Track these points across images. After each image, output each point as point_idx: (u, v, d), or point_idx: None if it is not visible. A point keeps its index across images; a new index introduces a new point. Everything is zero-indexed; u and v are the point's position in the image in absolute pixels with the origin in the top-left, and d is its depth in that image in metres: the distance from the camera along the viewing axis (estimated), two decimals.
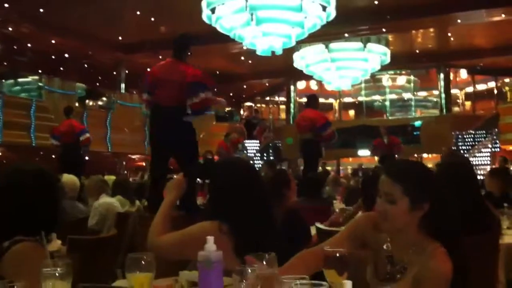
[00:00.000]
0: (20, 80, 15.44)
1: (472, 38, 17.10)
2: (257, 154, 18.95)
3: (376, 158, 12.88)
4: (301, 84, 22.19)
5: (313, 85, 21.75)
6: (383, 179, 1.88)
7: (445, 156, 10.50)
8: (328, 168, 17.92)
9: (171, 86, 5.08)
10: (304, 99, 9.83)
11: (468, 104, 22.02)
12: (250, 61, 18.92)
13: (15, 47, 16.89)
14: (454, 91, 20.98)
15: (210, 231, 1.95)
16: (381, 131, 13.04)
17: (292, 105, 22.06)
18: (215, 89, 5.36)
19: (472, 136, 18.10)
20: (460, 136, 18.01)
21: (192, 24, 11.33)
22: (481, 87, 21.67)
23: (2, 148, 14.05)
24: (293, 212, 3.64)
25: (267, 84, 23.57)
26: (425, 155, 19.25)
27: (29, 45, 16.80)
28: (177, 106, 5.04)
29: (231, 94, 23.59)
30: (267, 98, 25.25)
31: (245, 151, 16.44)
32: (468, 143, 17.89)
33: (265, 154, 18.94)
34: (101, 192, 5.49)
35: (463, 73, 21.34)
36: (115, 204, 5.44)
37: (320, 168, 10.70)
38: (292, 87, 22.16)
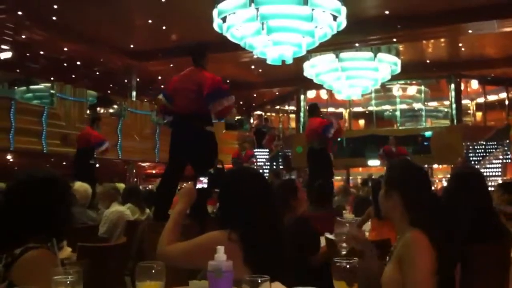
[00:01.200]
0: (32, 87, 15.57)
1: (483, 48, 17.04)
2: (266, 163, 18.93)
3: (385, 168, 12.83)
4: (311, 93, 22.18)
5: (323, 94, 21.74)
6: None
7: (457, 166, 10.47)
8: (337, 177, 17.90)
9: (190, 94, 5.03)
10: None
11: (479, 114, 21.89)
12: (260, 70, 18.97)
13: (27, 54, 17.06)
14: (465, 101, 20.87)
15: (219, 240, 1.95)
16: (390, 141, 13.02)
17: (302, 114, 22.05)
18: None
19: (483, 147, 17.98)
20: (471, 147, 17.91)
21: (203, 32, 11.40)
22: (492, 97, 21.54)
23: (14, 154, 14.16)
24: (303, 221, 3.63)
25: (277, 93, 23.59)
26: (435, 166, 19.16)
27: (41, 52, 16.96)
28: (198, 114, 4.98)
29: (241, 103, 23.63)
30: (277, 107, 25.26)
31: (254, 160, 16.42)
32: (479, 154, 17.77)
33: (274, 163, 18.92)
34: (112, 200, 5.51)
35: (474, 84, 21.23)
36: (126, 213, 5.47)
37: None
38: (302, 96, 22.16)
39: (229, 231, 2.08)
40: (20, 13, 13.24)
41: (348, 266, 1.58)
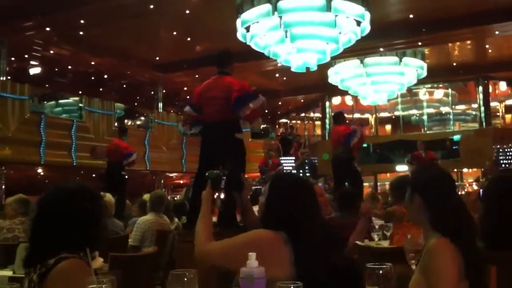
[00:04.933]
0: (61, 101, 15.85)
1: (511, 49, 16.75)
2: (293, 171, 18.87)
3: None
4: (336, 100, 22.08)
5: (349, 100, 21.62)
6: None
7: (491, 169, 10.29)
8: (366, 184, 17.74)
9: (218, 102, 5.01)
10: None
11: (508, 117, 21.49)
12: (284, 78, 18.97)
13: (56, 69, 17.39)
14: (493, 103, 20.48)
15: (265, 238, 1.99)
16: (419, 146, 12.89)
17: (327, 121, 21.94)
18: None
19: None
20: (501, 150, 17.57)
21: (227, 42, 11.42)
22: None
23: (45, 168, 14.41)
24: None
25: (302, 101, 23.55)
26: (465, 170, 18.85)
27: (69, 66, 17.28)
28: (228, 121, 4.98)
29: (266, 111, 23.65)
30: (302, 114, 25.21)
31: (281, 168, 16.37)
32: (509, 157, 17.42)
33: (301, 171, 18.84)
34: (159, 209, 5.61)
35: (503, 85, 20.84)
36: (160, 221, 5.52)
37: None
38: (327, 103, 22.07)
39: (278, 231, 2.10)
40: (48, 29, 13.52)
41: (381, 272, 1.57)
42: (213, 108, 5.04)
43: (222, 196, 2.66)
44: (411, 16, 13.48)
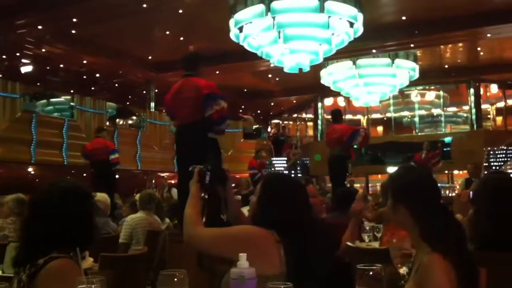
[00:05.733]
0: (52, 100, 15.77)
1: (503, 52, 16.85)
2: (285, 172, 18.90)
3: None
4: (328, 101, 22.12)
5: (341, 102, 21.67)
6: None
7: (474, 173, 10.34)
8: (357, 185, 17.79)
9: (187, 103, 5.05)
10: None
11: (499, 119, 21.60)
12: (277, 79, 19.00)
13: (48, 67, 17.31)
14: (484, 106, 20.62)
15: (256, 235, 2.00)
16: (424, 145, 13.11)
17: (319, 122, 22.00)
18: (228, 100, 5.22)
19: (504, 152, 17.73)
20: (491, 152, 17.67)
21: (220, 42, 11.47)
22: None
23: (35, 166, 14.32)
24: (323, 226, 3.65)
25: (294, 101, 23.59)
26: (456, 172, 18.93)
27: (61, 65, 17.20)
28: (197, 121, 5.00)
29: (258, 112, 23.67)
30: (295, 115, 25.24)
31: (272, 169, 16.39)
32: (500, 159, 17.52)
33: (293, 171, 18.87)
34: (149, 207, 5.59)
35: (494, 88, 20.98)
36: (150, 220, 5.50)
37: (348, 185, 10.66)
38: (319, 104, 22.11)
39: (270, 230, 2.10)
40: (40, 27, 13.46)
41: (372, 273, 1.57)
42: (186, 110, 5.08)
43: (206, 194, 2.66)
44: (403, 18, 13.53)
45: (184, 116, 5.13)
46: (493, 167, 15.76)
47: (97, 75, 18.32)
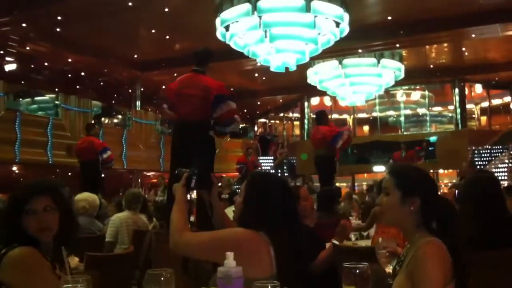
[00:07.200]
0: (37, 98, 15.62)
1: (487, 52, 17.02)
2: (271, 171, 18.93)
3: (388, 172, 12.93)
4: (315, 100, 22.20)
5: (327, 101, 21.76)
6: (385, 176, 2.20)
7: (466, 171, 10.42)
8: (343, 184, 17.86)
9: (193, 101, 5.01)
10: None
11: (483, 119, 21.83)
12: (264, 78, 19.00)
13: (32, 65, 17.14)
14: (469, 106, 20.82)
15: (244, 237, 1.99)
16: (402, 146, 13.18)
17: (306, 121, 22.06)
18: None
19: (489, 151, 17.92)
20: (476, 151, 17.85)
21: (207, 41, 11.39)
22: (496, 101, 21.50)
23: (19, 165, 14.18)
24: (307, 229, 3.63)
25: (281, 101, 23.61)
26: (441, 171, 19.09)
27: (46, 63, 17.04)
28: (202, 120, 4.99)
29: (245, 111, 23.65)
30: (281, 114, 25.28)
31: (259, 168, 16.40)
32: (485, 159, 17.70)
33: (279, 171, 18.91)
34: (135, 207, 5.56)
35: (478, 88, 21.21)
36: (136, 219, 5.47)
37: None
38: (306, 103, 22.17)
39: (258, 231, 2.09)
40: (24, 25, 13.32)
41: (358, 271, 1.57)
42: (190, 107, 5.02)
43: (194, 195, 2.64)
44: (389, 18, 13.61)
45: (187, 113, 5.05)
46: (478, 166, 15.91)
47: (82, 73, 18.19)
